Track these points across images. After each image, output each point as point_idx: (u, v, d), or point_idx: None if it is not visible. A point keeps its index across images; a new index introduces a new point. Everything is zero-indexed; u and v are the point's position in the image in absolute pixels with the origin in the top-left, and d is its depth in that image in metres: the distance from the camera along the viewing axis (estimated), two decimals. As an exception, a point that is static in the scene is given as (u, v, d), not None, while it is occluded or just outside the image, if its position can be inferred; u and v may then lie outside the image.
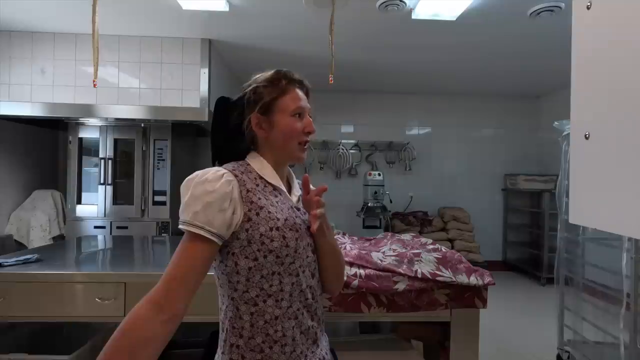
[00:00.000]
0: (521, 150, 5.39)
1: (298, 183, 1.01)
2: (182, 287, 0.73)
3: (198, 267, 0.75)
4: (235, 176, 0.81)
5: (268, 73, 0.91)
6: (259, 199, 0.82)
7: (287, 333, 0.81)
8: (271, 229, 0.80)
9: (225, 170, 0.81)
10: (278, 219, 0.81)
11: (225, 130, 0.92)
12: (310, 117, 0.92)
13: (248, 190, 0.81)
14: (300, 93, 0.91)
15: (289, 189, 0.95)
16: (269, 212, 0.81)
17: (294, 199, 0.92)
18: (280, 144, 0.88)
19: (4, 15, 2.97)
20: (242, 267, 0.80)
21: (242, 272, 0.80)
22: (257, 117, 0.88)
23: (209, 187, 0.76)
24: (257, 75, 0.92)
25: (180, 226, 0.77)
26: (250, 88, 0.90)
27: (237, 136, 0.91)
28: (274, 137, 0.88)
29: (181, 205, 0.78)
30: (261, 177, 0.87)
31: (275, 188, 0.87)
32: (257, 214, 0.80)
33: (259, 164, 0.88)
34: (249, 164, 0.88)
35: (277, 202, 0.85)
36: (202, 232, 0.75)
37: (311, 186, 0.89)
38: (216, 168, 0.82)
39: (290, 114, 0.88)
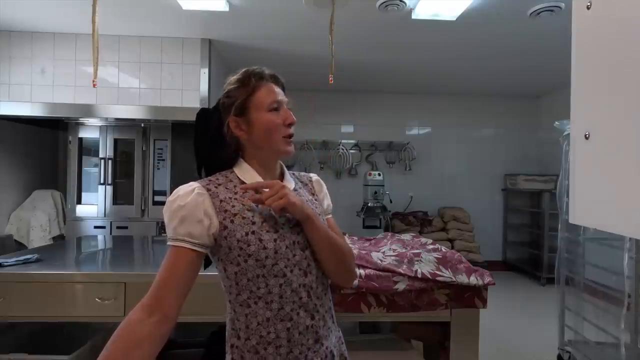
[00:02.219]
0: (521, 150, 5.39)
1: (296, 177, 0.99)
2: (172, 290, 0.77)
3: (184, 273, 0.79)
4: (208, 190, 0.83)
5: (237, 74, 0.90)
6: (233, 206, 0.83)
7: (280, 335, 0.81)
8: (247, 234, 0.81)
9: (197, 185, 0.84)
10: (254, 223, 0.82)
11: (208, 140, 0.91)
12: (289, 109, 0.90)
13: (221, 201, 0.83)
14: (274, 87, 0.89)
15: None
16: (244, 218, 0.82)
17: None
18: (263, 141, 0.87)
19: (4, 15, 2.97)
20: (230, 272, 0.83)
21: (231, 277, 0.84)
22: (234, 119, 0.87)
23: (181, 202, 0.80)
24: (229, 78, 0.91)
25: (167, 243, 0.81)
26: (223, 93, 0.90)
27: (220, 144, 0.90)
28: (256, 136, 0.87)
29: (165, 224, 0.83)
30: (242, 183, 0.87)
31: (257, 191, 0.86)
32: (232, 221, 0.81)
33: (242, 170, 0.89)
34: (232, 172, 0.89)
35: (257, 205, 0.84)
36: (184, 245, 0.79)
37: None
38: (189, 184, 0.84)
39: (266, 109, 0.86)
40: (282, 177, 0.94)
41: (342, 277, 0.94)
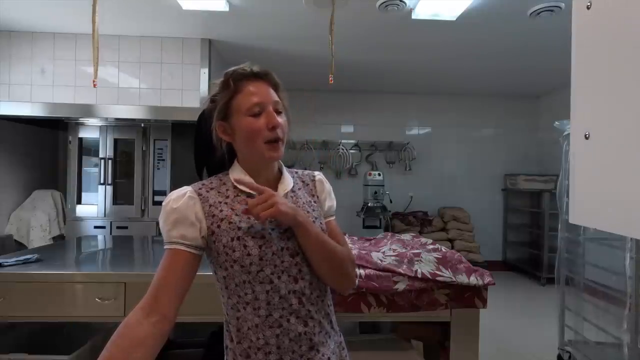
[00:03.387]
0: (521, 150, 5.39)
1: (298, 176, 0.96)
2: (169, 291, 0.77)
3: (181, 274, 0.79)
4: (199, 195, 0.84)
5: (221, 76, 0.88)
6: (221, 211, 0.82)
7: (269, 341, 0.80)
8: (232, 239, 0.80)
9: (189, 189, 0.84)
10: (239, 228, 0.81)
11: (203, 143, 0.91)
12: (279, 110, 0.85)
13: (210, 205, 0.83)
14: (257, 88, 0.84)
15: (277, 186, 0.90)
16: (230, 223, 0.81)
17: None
18: (247, 147, 0.85)
19: (4, 15, 2.97)
20: (219, 276, 0.84)
21: (221, 281, 0.84)
22: (219, 124, 0.86)
23: (174, 205, 0.81)
24: (214, 81, 0.90)
25: (164, 247, 0.82)
26: (209, 97, 0.89)
27: (214, 147, 0.89)
28: (239, 141, 0.86)
29: (160, 229, 0.84)
30: (235, 187, 0.86)
31: (249, 195, 0.85)
32: (219, 226, 0.81)
33: (235, 173, 0.88)
34: (227, 174, 0.89)
35: (247, 217, 0.82)
36: (178, 247, 0.79)
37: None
38: (182, 188, 0.85)
39: (245, 113, 0.83)
40: (280, 175, 0.92)
41: (339, 283, 0.90)
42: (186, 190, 0.84)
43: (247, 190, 0.85)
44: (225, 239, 0.80)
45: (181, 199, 0.82)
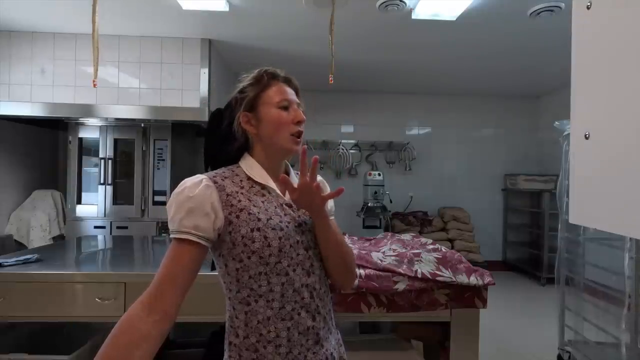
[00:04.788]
0: (521, 150, 5.39)
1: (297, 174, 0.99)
2: (172, 287, 0.75)
3: (187, 268, 0.77)
4: (215, 182, 0.82)
5: (253, 72, 0.93)
6: (239, 201, 0.82)
7: (280, 334, 0.81)
8: (252, 230, 0.80)
9: (204, 177, 0.83)
10: (259, 220, 0.81)
11: (219, 136, 0.93)
12: (300, 109, 0.92)
13: (228, 195, 0.82)
14: (286, 87, 0.91)
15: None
16: (250, 214, 0.82)
17: (289, 195, 0.89)
18: (270, 137, 0.88)
19: (4, 15, 2.97)
20: (231, 268, 0.83)
21: (232, 273, 0.83)
22: (244, 114, 0.89)
23: (189, 193, 0.79)
24: (243, 76, 0.94)
25: (170, 235, 0.80)
26: (237, 89, 0.92)
27: (229, 139, 0.92)
28: (263, 131, 0.88)
29: (169, 218, 0.81)
30: (249, 178, 0.88)
31: (263, 187, 0.87)
32: (238, 217, 0.81)
33: (247, 165, 0.89)
34: (238, 166, 0.90)
35: (262, 202, 0.85)
36: (189, 237, 0.77)
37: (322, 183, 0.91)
38: (196, 176, 0.84)
39: (275, 105, 0.88)
40: (287, 175, 0.94)
41: (344, 279, 0.93)
42: (202, 178, 0.82)
43: (260, 181, 0.87)
44: (244, 229, 0.80)
45: (197, 186, 0.80)
